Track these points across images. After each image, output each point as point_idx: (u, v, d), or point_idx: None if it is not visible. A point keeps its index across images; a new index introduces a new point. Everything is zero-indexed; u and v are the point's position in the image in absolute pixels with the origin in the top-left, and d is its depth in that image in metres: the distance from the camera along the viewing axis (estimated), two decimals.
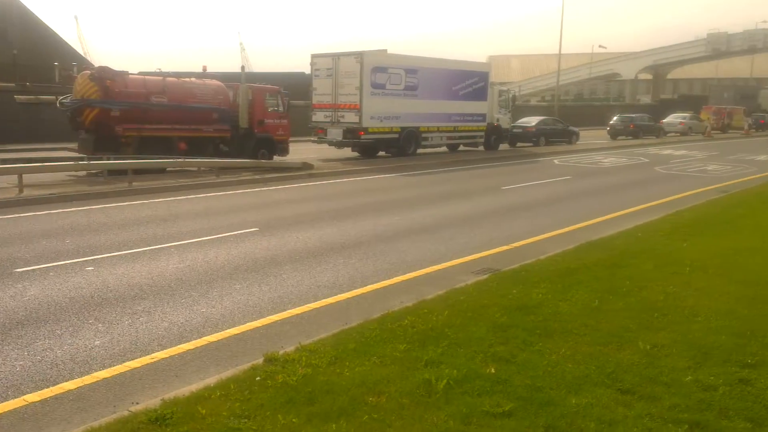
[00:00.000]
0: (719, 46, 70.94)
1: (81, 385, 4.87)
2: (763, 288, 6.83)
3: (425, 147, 25.67)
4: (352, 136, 22.94)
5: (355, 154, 24.74)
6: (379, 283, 7.69)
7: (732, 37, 69.87)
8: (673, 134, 43.41)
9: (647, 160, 25.33)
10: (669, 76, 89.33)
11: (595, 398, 4.24)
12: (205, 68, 20.83)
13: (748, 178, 19.38)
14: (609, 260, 8.07)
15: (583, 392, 4.33)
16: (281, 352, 5.10)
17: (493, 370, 4.66)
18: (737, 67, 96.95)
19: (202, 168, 17.70)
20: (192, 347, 5.65)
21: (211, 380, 4.66)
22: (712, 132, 44.54)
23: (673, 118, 46.29)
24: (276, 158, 20.73)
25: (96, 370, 5.12)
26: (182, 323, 6.24)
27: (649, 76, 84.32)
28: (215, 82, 19.89)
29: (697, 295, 6.56)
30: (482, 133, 27.97)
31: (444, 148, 27.52)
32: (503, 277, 7.44)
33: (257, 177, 17.69)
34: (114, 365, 5.23)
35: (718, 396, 4.29)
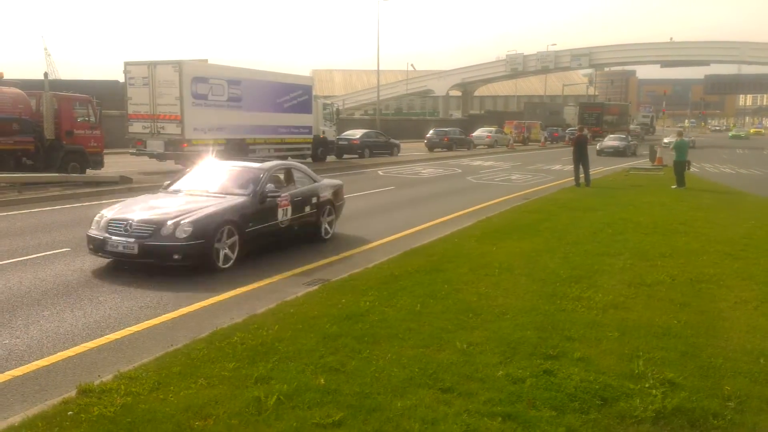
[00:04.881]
0: (517, 66, 78.72)
1: None
2: (560, 285, 7.67)
3: None
4: (174, 148, 21.97)
5: (179, 167, 23.71)
6: (208, 300, 7.45)
7: (527, 58, 77.77)
8: (481, 146, 47.01)
9: (461, 171, 27.18)
10: (476, 93, 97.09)
11: (419, 399, 4.49)
12: (1, 75, 18.78)
13: (545, 185, 21.60)
14: (429, 266, 8.56)
15: (408, 394, 4.56)
16: (97, 382, 4.77)
17: (323, 381, 4.74)
18: (533, 86, 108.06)
19: (2, 183, 15.89)
20: None
21: (16, 419, 4.24)
22: (515, 144, 48.98)
23: (481, 132, 50.28)
24: (89, 172, 19.21)
25: None
26: None
27: (458, 93, 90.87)
28: (14, 89, 17.98)
29: (505, 295, 7.19)
30: (309, 146, 28.25)
31: None
32: (333, 287, 7.57)
33: (68, 192, 16.26)
34: None
35: (526, 388, 4.71)
